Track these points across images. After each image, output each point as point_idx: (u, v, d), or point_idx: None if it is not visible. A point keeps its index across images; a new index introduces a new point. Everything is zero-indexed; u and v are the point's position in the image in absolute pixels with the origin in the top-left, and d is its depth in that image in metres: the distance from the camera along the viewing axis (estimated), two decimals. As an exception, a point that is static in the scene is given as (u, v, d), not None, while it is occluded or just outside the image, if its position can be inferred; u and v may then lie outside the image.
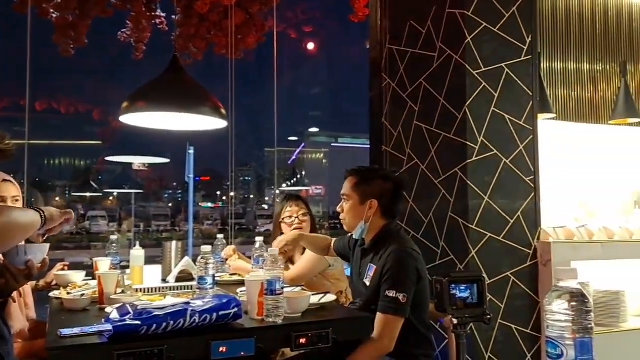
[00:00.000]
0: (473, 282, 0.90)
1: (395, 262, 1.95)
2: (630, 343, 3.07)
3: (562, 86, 3.69)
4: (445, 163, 2.99)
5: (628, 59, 3.78)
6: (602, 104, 3.77)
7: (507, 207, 2.87)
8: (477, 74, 2.84)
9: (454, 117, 2.90)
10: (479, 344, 2.74)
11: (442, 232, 3.00)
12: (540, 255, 2.90)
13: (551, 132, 3.75)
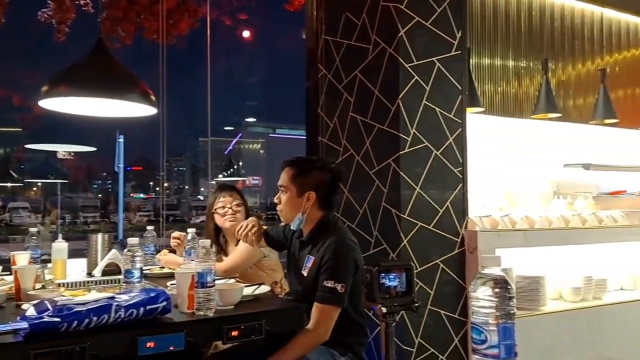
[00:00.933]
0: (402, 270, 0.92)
1: (334, 253, 1.97)
2: (549, 325, 3.27)
3: (489, 81, 3.85)
4: (380, 154, 3.04)
5: (549, 56, 4.00)
6: (526, 99, 3.97)
7: (437, 197, 2.96)
8: (409, 68, 2.89)
9: (387, 110, 2.95)
10: (410, 329, 2.83)
11: (376, 222, 3.05)
12: (467, 243, 3.02)
13: (479, 125, 3.91)
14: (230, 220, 2.75)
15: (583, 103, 4.23)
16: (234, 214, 2.77)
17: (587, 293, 3.55)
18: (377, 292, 0.89)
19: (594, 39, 4.30)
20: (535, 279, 3.36)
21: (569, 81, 4.20)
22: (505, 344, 0.82)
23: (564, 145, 4.35)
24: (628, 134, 4.57)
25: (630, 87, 4.49)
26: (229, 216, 2.76)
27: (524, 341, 3.19)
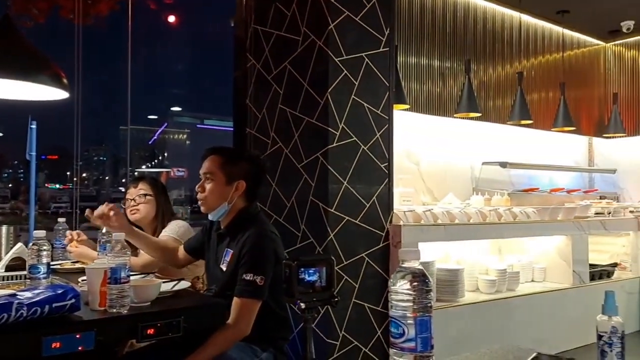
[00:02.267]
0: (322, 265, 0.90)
1: (253, 245, 1.91)
2: (467, 315, 3.42)
3: (415, 80, 3.95)
4: (308, 148, 3.02)
5: (472, 57, 4.16)
6: (449, 99, 4.11)
7: (364, 192, 2.99)
8: (339, 62, 2.89)
9: (316, 103, 2.94)
10: (334, 323, 2.84)
11: (303, 216, 3.03)
12: (392, 237, 3.08)
13: (405, 122, 4.00)
14: (132, 212, 2.57)
15: (502, 104, 4.45)
16: (137, 206, 2.58)
17: (502, 285, 3.75)
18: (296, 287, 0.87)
19: (513, 43, 4.53)
20: (455, 272, 3.49)
21: (489, 83, 4.40)
22: (422, 337, 0.82)
23: (483, 144, 4.56)
24: (541, 135, 4.87)
25: (544, 91, 4.78)
26: (132, 208, 2.58)
27: (444, 332, 3.33)
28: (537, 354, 1.10)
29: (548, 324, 3.83)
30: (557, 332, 3.88)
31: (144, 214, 2.57)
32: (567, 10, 4.46)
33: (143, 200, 2.59)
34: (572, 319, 3.96)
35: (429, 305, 0.87)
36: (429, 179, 4.24)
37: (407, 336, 0.85)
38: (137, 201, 2.58)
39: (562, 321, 3.90)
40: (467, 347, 3.33)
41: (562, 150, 5.21)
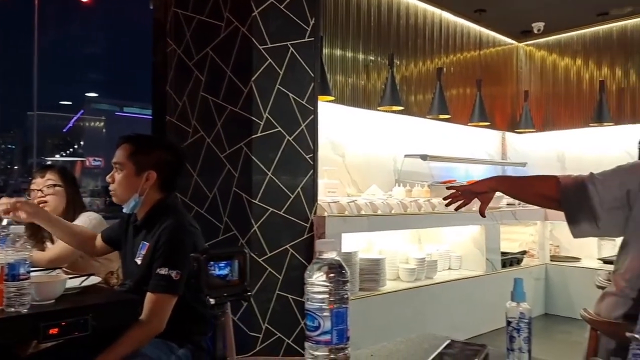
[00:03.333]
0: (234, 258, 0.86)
1: (170, 237, 1.82)
2: (388, 303, 3.51)
3: (340, 72, 3.97)
4: (231, 137, 2.95)
5: (395, 52, 4.24)
6: (373, 92, 4.17)
7: (289, 183, 2.97)
8: (263, 50, 2.84)
9: (240, 91, 2.87)
10: (257, 315, 2.81)
11: (226, 208, 2.96)
12: (316, 228, 3.09)
13: (330, 113, 4.02)
14: (39, 204, 2.38)
15: (422, 99, 4.58)
16: (44, 197, 2.40)
17: (421, 273, 3.88)
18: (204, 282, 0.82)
19: (434, 39, 4.67)
20: (376, 262, 3.57)
21: (411, 77, 4.51)
22: (338, 329, 0.80)
23: (405, 137, 4.68)
24: (459, 129, 5.08)
25: (462, 87, 4.98)
26: (39, 199, 2.40)
27: (366, 320, 3.39)
28: (450, 341, 1.13)
29: (464, 309, 4.02)
30: (472, 317, 4.08)
31: (52, 206, 2.39)
32: (484, 9, 4.66)
33: (51, 191, 2.41)
34: (486, 304, 4.18)
35: (345, 297, 0.86)
36: (353, 171, 4.30)
37: (323, 329, 0.83)
38: (44, 192, 2.40)
39: (477, 306, 4.11)
40: (389, 334, 3.42)
41: (478, 144, 5.46)
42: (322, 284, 0.83)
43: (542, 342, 4.09)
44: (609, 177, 1.62)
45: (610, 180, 1.61)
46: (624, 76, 4.91)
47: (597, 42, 5.07)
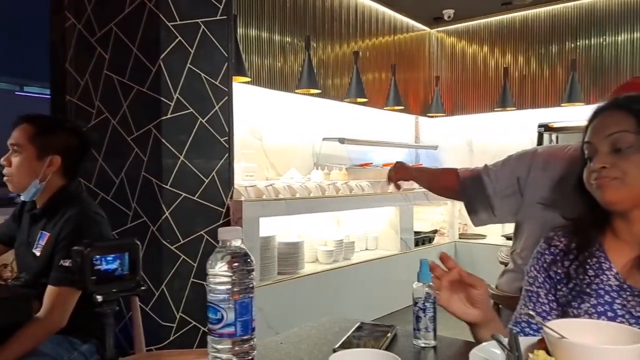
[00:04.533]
0: (123, 250, 0.79)
1: (74, 227, 1.70)
2: (306, 286, 3.52)
3: (256, 53, 3.88)
4: (139, 119, 2.78)
5: (312, 34, 4.21)
6: (291, 74, 4.13)
7: (202, 166, 2.86)
8: (172, 27, 2.69)
9: (147, 70, 2.71)
10: (170, 304, 2.71)
11: (135, 193, 2.81)
12: (233, 213, 3.01)
13: (247, 95, 3.92)
14: None
15: (340, 82, 4.60)
16: None
17: (339, 254, 3.94)
18: (89, 278, 0.75)
19: (350, 23, 4.69)
20: (295, 245, 3.57)
21: (328, 61, 4.51)
22: (242, 320, 0.77)
23: (323, 120, 4.69)
24: (375, 113, 5.18)
25: (378, 71, 5.06)
26: None
27: (286, 304, 3.38)
28: (360, 323, 1.13)
29: (381, 287, 4.14)
30: (388, 295, 4.21)
31: None
32: (398, -5, 4.74)
33: None
34: (400, 282, 4.33)
35: (250, 286, 0.82)
36: (272, 154, 4.25)
37: (226, 321, 0.79)
38: None
39: (392, 284, 4.25)
40: (309, 317, 3.43)
41: (393, 128, 5.60)
42: (225, 274, 0.79)
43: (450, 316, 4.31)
44: (500, 168, 1.73)
45: (502, 170, 1.71)
46: (526, 64, 5.22)
47: (502, 31, 5.35)
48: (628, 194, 0.95)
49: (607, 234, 1.03)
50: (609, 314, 0.95)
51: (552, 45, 5.08)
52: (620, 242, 1.01)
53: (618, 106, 1.01)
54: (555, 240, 1.09)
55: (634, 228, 0.99)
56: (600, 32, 4.82)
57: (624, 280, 0.97)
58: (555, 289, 1.05)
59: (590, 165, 1.00)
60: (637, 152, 0.96)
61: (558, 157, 1.63)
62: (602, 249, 1.02)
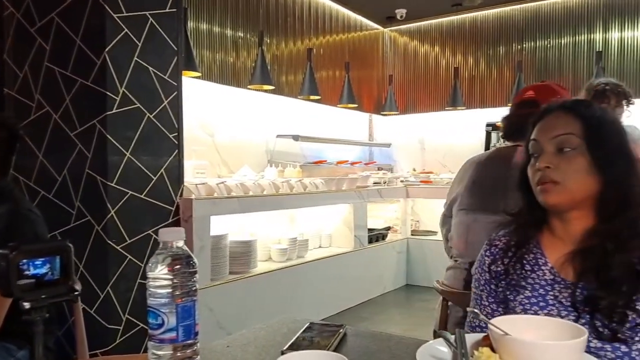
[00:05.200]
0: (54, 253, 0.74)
1: (7, 226, 1.60)
2: (259, 285, 3.48)
3: (207, 47, 3.79)
4: (83, 114, 2.66)
5: (265, 30, 4.16)
6: (243, 69, 4.07)
7: (150, 163, 2.77)
8: (118, 18, 2.59)
9: (92, 63, 2.59)
10: (116, 306, 2.61)
11: (78, 191, 2.69)
12: (183, 211, 2.94)
13: (198, 91, 3.84)
14: None
15: (293, 79, 4.57)
16: None
17: (292, 253, 3.92)
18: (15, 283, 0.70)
19: (304, 19, 4.67)
20: (248, 244, 3.52)
21: (282, 57, 4.47)
22: (184, 325, 0.74)
23: (277, 117, 4.66)
24: (329, 110, 5.18)
25: (332, 69, 5.07)
26: None
27: (238, 304, 3.32)
28: (309, 323, 1.12)
29: (334, 285, 4.15)
30: (342, 292, 4.23)
31: None
32: (352, -7, 4.76)
33: None
34: (354, 279, 4.36)
35: (194, 289, 0.79)
36: (224, 151, 4.18)
37: (167, 326, 0.75)
38: None
39: (346, 281, 4.27)
40: (262, 317, 3.40)
41: (348, 125, 5.63)
42: (166, 277, 0.75)
43: (404, 311, 4.38)
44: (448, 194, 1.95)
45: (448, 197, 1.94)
46: (475, 64, 5.36)
47: (452, 32, 5.47)
48: (568, 198, 1.00)
49: (544, 232, 1.08)
50: (540, 304, 1.00)
51: (500, 46, 5.24)
52: (555, 239, 1.05)
53: (566, 109, 1.05)
54: (496, 240, 1.14)
55: (570, 227, 1.03)
56: (545, 34, 5.01)
57: (557, 273, 1.02)
58: (497, 286, 1.09)
59: (536, 164, 1.03)
60: (579, 155, 1.00)
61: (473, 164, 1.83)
62: (538, 245, 1.07)
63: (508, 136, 1.81)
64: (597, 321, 0.92)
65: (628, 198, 0.98)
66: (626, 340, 0.90)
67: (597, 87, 2.69)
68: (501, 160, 1.74)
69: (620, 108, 2.63)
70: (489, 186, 1.72)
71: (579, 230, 1.01)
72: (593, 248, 0.97)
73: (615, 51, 4.70)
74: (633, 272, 0.93)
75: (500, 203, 1.62)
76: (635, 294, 0.92)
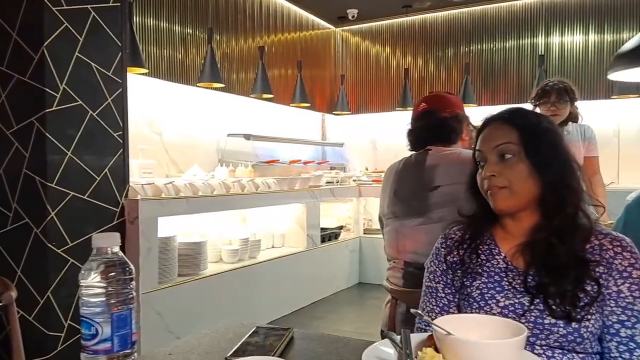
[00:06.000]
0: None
1: None
2: (210, 287, 3.41)
3: (154, 44, 3.69)
4: (20, 111, 2.53)
5: (215, 27, 4.09)
6: (192, 67, 3.98)
7: (93, 163, 2.67)
8: (57, 12, 2.47)
9: (29, 58, 2.46)
10: (58, 312, 2.50)
11: (15, 192, 2.55)
12: (128, 212, 2.84)
13: (145, 88, 3.73)
14: None
15: (245, 77, 4.52)
16: None
17: (244, 253, 3.86)
18: None
19: (255, 17, 4.62)
20: (197, 245, 3.44)
21: (233, 55, 4.41)
22: (120, 334, 0.70)
23: (229, 116, 4.59)
24: (282, 109, 5.15)
25: (284, 68, 5.04)
26: None
27: (186, 308, 3.24)
28: (256, 328, 1.10)
29: (287, 285, 4.13)
30: (295, 292, 4.22)
31: None
32: (303, -8, 4.75)
33: None
34: (307, 278, 4.35)
35: (130, 297, 0.76)
36: (173, 150, 4.08)
37: (102, 336, 0.72)
38: None
39: (300, 281, 4.26)
40: (213, 319, 3.34)
41: (300, 125, 5.62)
42: (99, 285, 0.71)
43: (356, 309, 4.42)
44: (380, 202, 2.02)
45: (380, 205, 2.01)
46: (425, 65, 5.47)
47: (403, 33, 5.55)
48: (515, 201, 1.08)
49: (496, 227, 1.15)
50: (497, 288, 1.07)
51: (448, 48, 5.36)
52: (507, 234, 1.13)
53: (504, 120, 1.13)
54: (451, 234, 1.21)
55: (519, 224, 1.11)
56: (491, 38, 5.16)
57: (510, 262, 1.10)
58: (453, 276, 1.15)
59: (482, 173, 1.11)
60: (519, 161, 1.08)
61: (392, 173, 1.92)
62: (492, 237, 1.14)
63: (415, 148, 1.92)
64: (550, 301, 1.00)
65: (565, 197, 1.06)
66: (579, 320, 0.98)
67: (542, 86, 2.83)
68: (416, 166, 1.85)
69: (561, 103, 2.74)
70: (409, 192, 1.83)
71: (527, 227, 1.10)
72: (539, 241, 1.06)
73: (556, 55, 4.90)
74: (578, 259, 1.02)
75: (422, 206, 1.71)
76: (583, 278, 1.00)
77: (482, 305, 1.06)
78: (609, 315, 1.00)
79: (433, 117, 1.85)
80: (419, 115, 1.92)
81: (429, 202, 1.75)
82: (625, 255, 1.02)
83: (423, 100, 1.97)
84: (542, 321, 0.99)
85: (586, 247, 1.04)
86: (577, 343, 0.98)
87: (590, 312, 0.99)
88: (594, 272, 1.01)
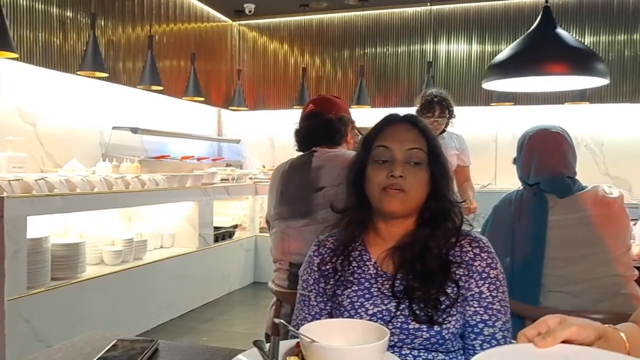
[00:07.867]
0: None
1: None
2: (89, 291, 3.17)
3: (28, 26, 3.35)
4: None
5: (98, 12, 3.80)
6: (72, 53, 3.67)
7: (-55, 156, 2.35)
8: None
9: None
10: None
11: None
12: (-9, 211, 2.55)
13: (15, 74, 3.37)
14: None
15: (132, 67, 4.26)
16: None
17: (128, 255, 3.63)
18: None
19: (144, 4, 4.37)
20: (73, 246, 3.18)
21: (119, 43, 4.14)
22: None
23: (114, 107, 4.30)
24: (174, 103, 4.93)
25: (176, 59, 4.83)
26: None
27: (60, 313, 2.97)
28: (117, 340, 1.01)
29: (176, 287, 3.96)
30: (184, 294, 4.05)
31: None
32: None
33: None
34: (198, 279, 4.20)
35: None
36: (49, 143, 3.73)
37: None
38: None
39: (190, 283, 4.10)
40: (92, 325, 3.10)
41: (195, 120, 5.43)
42: None
43: (249, 309, 4.35)
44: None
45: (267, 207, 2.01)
46: (322, 65, 5.53)
47: (301, 32, 5.57)
48: (407, 206, 1.09)
49: (369, 231, 1.15)
50: (366, 296, 1.08)
51: (344, 50, 5.47)
52: (378, 238, 1.14)
53: (412, 124, 1.14)
54: (325, 241, 1.20)
55: (392, 229, 1.12)
56: (384, 42, 5.34)
57: (379, 267, 1.11)
58: (326, 284, 1.14)
59: (387, 169, 1.08)
60: (423, 169, 1.10)
61: (278, 174, 1.95)
62: (363, 243, 1.15)
63: (302, 148, 1.96)
64: (415, 305, 1.03)
65: (444, 206, 1.11)
66: (440, 323, 1.01)
67: (427, 97, 2.97)
68: (302, 167, 1.88)
69: (443, 118, 2.95)
70: (294, 193, 1.84)
71: (400, 232, 1.12)
72: (409, 245, 1.09)
73: (443, 62, 5.19)
74: (443, 264, 1.06)
75: (307, 207, 1.72)
76: (445, 282, 1.04)
77: (352, 314, 1.07)
78: (473, 315, 1.04)
79: (319, 118, 1.87)
80: (306, 116, 1.96)
81: (314, 203, 1.76)
82: (483, 256, 1.08)
83: (311, 102, 2.03)
84: (407, 326, 1.02)
85: (450, 250, 1.09)
86: (440, 344, 1.02)
87: (451, 314, 1.03)
88: (454, 274, 1.06)
